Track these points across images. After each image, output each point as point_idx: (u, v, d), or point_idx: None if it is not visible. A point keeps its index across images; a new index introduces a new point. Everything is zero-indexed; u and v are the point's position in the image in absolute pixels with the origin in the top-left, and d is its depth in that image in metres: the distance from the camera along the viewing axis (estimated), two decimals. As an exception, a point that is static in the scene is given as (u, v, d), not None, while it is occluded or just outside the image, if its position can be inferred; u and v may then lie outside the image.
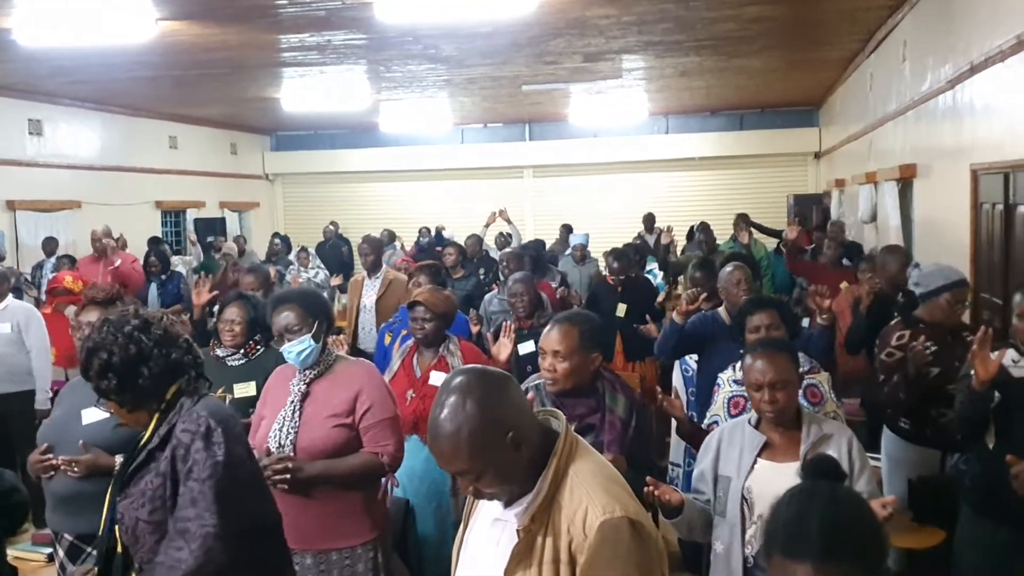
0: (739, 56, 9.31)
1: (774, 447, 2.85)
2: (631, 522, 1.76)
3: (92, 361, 2.33)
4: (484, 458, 1.78)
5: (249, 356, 4.05)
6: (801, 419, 2.90)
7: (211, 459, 2.27)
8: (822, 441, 2.83)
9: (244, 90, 10.91)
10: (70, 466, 3.12)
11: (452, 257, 7.83)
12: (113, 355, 2.31)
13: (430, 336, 4.13)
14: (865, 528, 1.48)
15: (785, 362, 2.89)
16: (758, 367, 2.87)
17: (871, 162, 9.08)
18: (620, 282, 7.13)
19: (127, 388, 2.33)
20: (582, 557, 1.75)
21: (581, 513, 1.77)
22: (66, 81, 9.72)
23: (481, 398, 1.80)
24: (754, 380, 2.87)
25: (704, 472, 2.94)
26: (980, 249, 5.41)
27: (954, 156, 5.92)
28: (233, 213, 15.09)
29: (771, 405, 2.83)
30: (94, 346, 2.33)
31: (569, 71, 9.96)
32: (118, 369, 2.31)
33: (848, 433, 2.93)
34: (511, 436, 1.78)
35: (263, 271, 6.24)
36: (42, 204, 10.52)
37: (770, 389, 2.83)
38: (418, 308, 4.11)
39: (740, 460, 2.85)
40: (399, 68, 9.55)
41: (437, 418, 1.81)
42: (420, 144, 15.65)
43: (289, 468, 3.03)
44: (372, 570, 3.20)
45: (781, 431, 2.87)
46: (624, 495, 1.83)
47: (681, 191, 15.11)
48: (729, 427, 3.01)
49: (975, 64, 5.26)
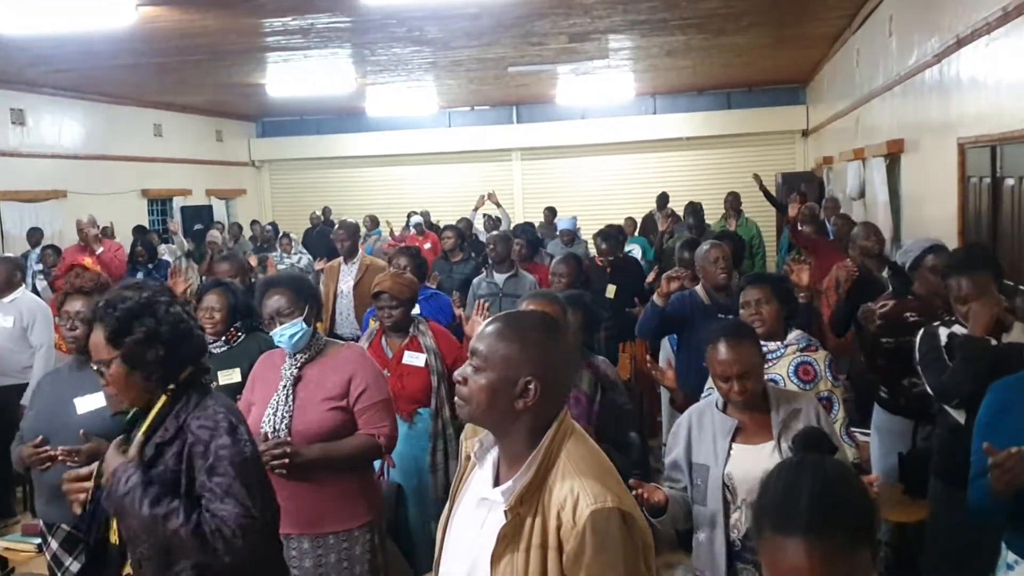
0: (725, 34, 9.28)
1: (746, 430, 2.82)
2: (622, 513, 1.75)
3: (132, 326, 2.24)
4: (495, 364, 1.81)
5: (231, 343, 4.07)
6: (767, 397, 2.87)
7: (240, 455, 2.26)
8: (792, 416, 2.81)
9: (228, 76, 10.82)
10: (70, 456, 3.08)
11: (451, 240, 7.79)
12: (162, 325, 2.26)
13: (398, 322, 4.14)
14: (855, 500, 1.47)
15: (750, 350, 2.85)
16: (723, 358, 2.82)
17: (859, 138, 9.07)
18: (609, 263, 7.13)
19: (167, 363, 2.27)
20: (569, 544, 1.73)
21: (572, 499, 1.75)
22: (48, 70, 9.62)
23: (543, 328, 1.89)
24: (721, 372, 2.83)
25: (678, 461, 2.91)
26: (968, 223, 5.42)
27: (941, 130, 5.91)
28: (220, 201, 15.01)
29: (741, 395, 2.80)
30: (138, 310, 2.25)
31: (555, 52, 9.91)
32: (166, 340, 2.26)
33: (814, 403, 2.93)
34: (528, 379, 1.79)
35: (239, 259, 6.22)
36: (26, 194, 10.43)
37: (739, 380, 2.79)
38: (382, 297, 4.12)
39: (715, 447, 2.82)
40: (384, 51, 9.48)
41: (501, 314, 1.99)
42: (407, 128, 15.58)
43: (287, 453, 3.02)
44: (369, 552, 3.21)
45: (750, 412, 2.85)
46: (616, 486, 1.82)
47: (670, 171, 15.09)
48: (696, 412, 2.97)
49: (961, 37, 5.25)
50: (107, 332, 2.24)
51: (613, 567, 1.72)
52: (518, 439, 1.84)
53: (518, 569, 1.76)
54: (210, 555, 2.18)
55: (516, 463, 1.83)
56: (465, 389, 1.85)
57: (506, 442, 1.86)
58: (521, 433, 1.83)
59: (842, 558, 1.41)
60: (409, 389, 4.02)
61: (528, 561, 1.75)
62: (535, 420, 1.83)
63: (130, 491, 2.19)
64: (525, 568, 1.76)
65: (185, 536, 2.17)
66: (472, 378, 1.84)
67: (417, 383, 4.04)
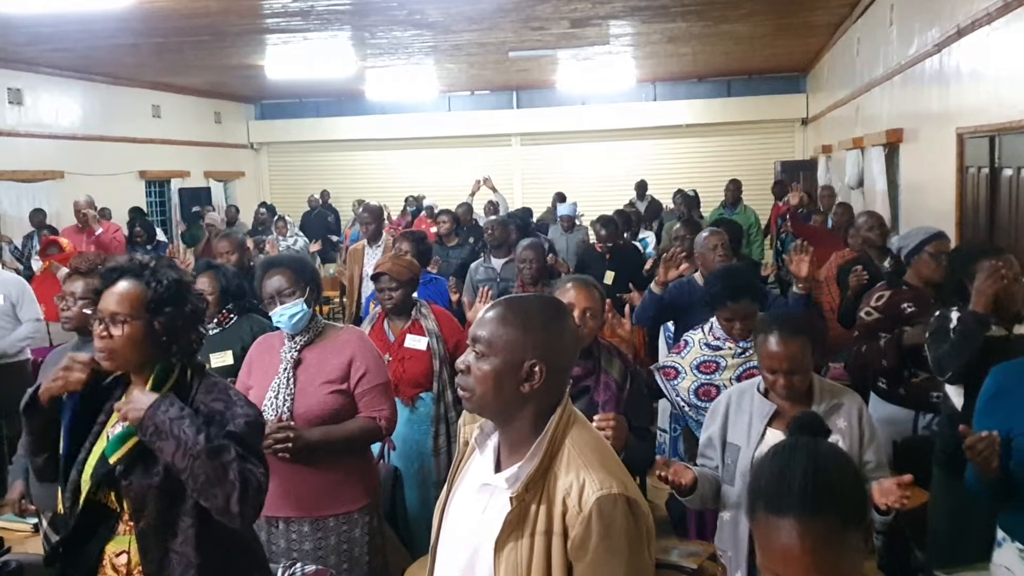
0: (726, 21, 9.26)
1: (784, 416, 2.80)
2: (627, 500, 1.75)
3: (173, 298, 2.30)
4: (499, 350, 1.79)
5: (223, 325, 4.09)
6: (812, 388, 2.85)
7: (257, 420, 2.37)
8: (833, 409, 2.80)
9: (227, 57, 10.78)
10: None
11: (447, 225, 7.77)
12: (190, 307, 2.34)
13: (399, 304, 4.11)
14: (847, 483, 1.49)
15: (801, 348, 2.79)
16: (774, 352, 2.78)
17: (858, 128, 9.07)
18: (608, 249, 7.13)
19: (179, 341, 2.33)
20: (575, 530, 1.74)
21: (578, 486, 1.75)
22: (46, 49, 9.58)
23: (547, 310, 1.87)
24: (769, 365, 2.80)
25: (712, 438, 2.92)
26: (966, 213, 5.43)
27: (940, 120, 5.92)
28: (218, 183, 14.98)
29: (785, 390, 2.79)
30: (177, 287, 2.33)
31: (556, 37, 9.88)
32: (188, 322, 2.33)
33: (858, 401, 2.90)
34: (533, 362, 1.79)
35: (238, 238, 6.22)
36: (23, 174, 10.39)
37: (785, 375, 2.78)
38: (382, 279, 4.09)
39: (750, 428, 2.82)
40: (384, 34, 9.45)
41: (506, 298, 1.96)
42: (407, 112, 15.55)
43: (291, 437, 3.03)
44: (368, 534, 3.23)
45: (792, 400, 2.83)
46: (620, 472, 1.82)
47: (669, 158, 15.09)
48: (737, 392, 2.97)
49: (961, 27, 5.25)
50: (150, 295, 2.28)
51: (618, 553, 1.73)
52: (522, 425, 1.83)
53: (522, 555, 1.76)
54: (237, 503, 2.18)
55: (519, 449, 1.83)
56: (469, 378, 1.82)
57: (509, 428, 1.85)
58: (526, 419, 1.83)
59: (834, 540, 1.43)
60: (411, 373, 4.01)
61: (533, 547, 1.76)
62: (540, 405, 1.82)
63: (182, 416, 2.20)
64: (530, 554, 1.76)
65: (233, 475, 2.19)
66: (475, 365, 1.82)
67: (419, 367, 4.03)
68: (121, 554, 2.30)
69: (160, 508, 2.26)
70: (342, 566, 3.16)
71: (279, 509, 3.13)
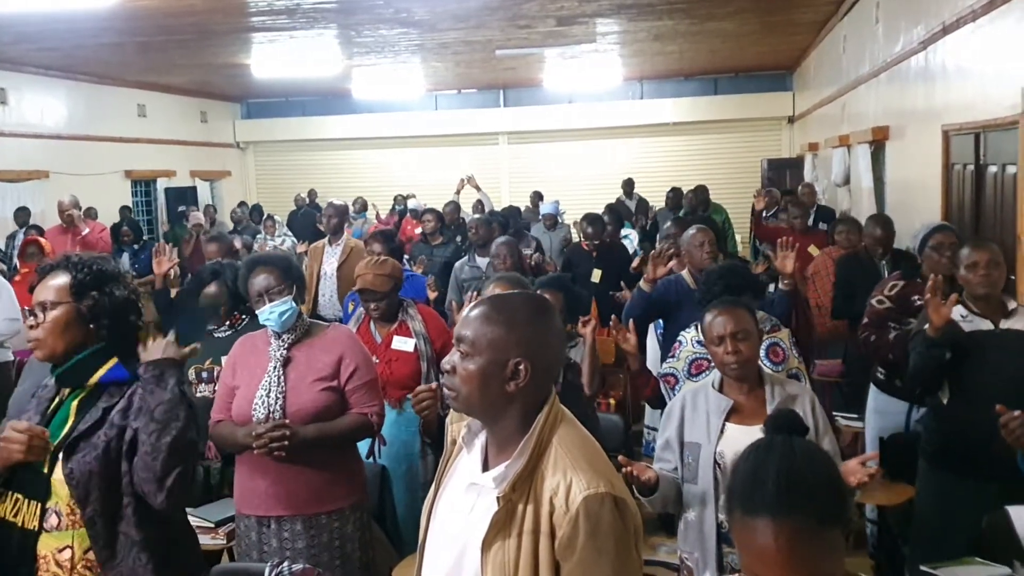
0: (712, 19, 9.27)
1: (741, 410, 2.83)
2: (615, 499, 1.75)
3: (98, 286, 2.39)
4: (483, 349, 1.79)
5: (236, 327, 4.09)
6: (763, 380, 2.89)
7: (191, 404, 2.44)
8: (787, 401, 2.83)
9: (213, 56, 10.72)
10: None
11: (431, 224, 7.75)
12: (116, 297, 2.41)
13: (386, 313, 4.10)
14: (823, 481, 1.47)
15: (745, 315, 2.89)
16: (719, 321, 2.86)
17: (844, 125, 9.11)
18: (595, 247, 7.13)
19: (108, 328, 2.39)
20: (562, 530, 1.73)
21: (565, 485, 1.75)
22: (31, 48, 9.51)
23: (530, 308, 1.87)
24: (715, 334, 2.86)
25: (670, 440, 2.91)
26: (951, 210, 5.46)
27: (926, 118, 5.94)
28: (204, 182, 14.89)
29: (734, 356, 2.81)
30: (105, 278, 2.41)
31: (543, 35, 9.88)
32: (113, 311, 2.40)
33: (810, 393, 2.95)
34: (518, 360, 1.78)
35: (227, 240, 6.20)
36: (8, 174, 10.30)
37: (732, 339, 2.81)
38: (366, 294, 4.07)
39: (708, 425, 2.83)
40: (370, 33, 9.42)
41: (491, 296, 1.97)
42: (394, 111, 15.50)
43: (286, 435, 3.03)
44: (360, 530, 3.23)
45: (746, 392, 2.86)
46: (608, 471, 1.82)
47: (656, 156, 15.10)
48: (691, 393, 2.97)
49: (947, 24, 5.27)
50: (74, 282, 2.38)
51: (605, 552, 1.73)
52: (509, 424, 1.83)
53: (510, 554, 1.76)
54: (177, 479, 2.29)
55: (506, 448, 1.82)
56: (455, 378, 1.82)
57: (496, 427, 1.85)
58: (513, 418, 1.82)
59: (810, 538, 1.41)
60: (398, 374, 3.99)
61: (520, 546, 1.75)
62: (526, 403, 1.82)
63: (183, 383, 2.38)
64: (517, 553, 1.75)
65: (191, 454, 2.36)
66: (460, 365, 1.81)
67: (406, 369, 4.01)
68: (64, 549, 2.30)
69: (102, 492, 2.29)
70: (335, 563, 3.16)
71: (270, 509, 3.13)
